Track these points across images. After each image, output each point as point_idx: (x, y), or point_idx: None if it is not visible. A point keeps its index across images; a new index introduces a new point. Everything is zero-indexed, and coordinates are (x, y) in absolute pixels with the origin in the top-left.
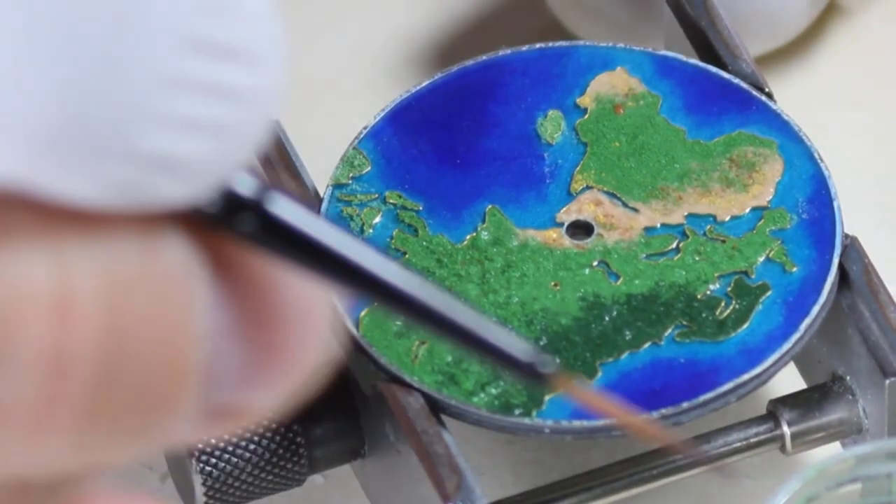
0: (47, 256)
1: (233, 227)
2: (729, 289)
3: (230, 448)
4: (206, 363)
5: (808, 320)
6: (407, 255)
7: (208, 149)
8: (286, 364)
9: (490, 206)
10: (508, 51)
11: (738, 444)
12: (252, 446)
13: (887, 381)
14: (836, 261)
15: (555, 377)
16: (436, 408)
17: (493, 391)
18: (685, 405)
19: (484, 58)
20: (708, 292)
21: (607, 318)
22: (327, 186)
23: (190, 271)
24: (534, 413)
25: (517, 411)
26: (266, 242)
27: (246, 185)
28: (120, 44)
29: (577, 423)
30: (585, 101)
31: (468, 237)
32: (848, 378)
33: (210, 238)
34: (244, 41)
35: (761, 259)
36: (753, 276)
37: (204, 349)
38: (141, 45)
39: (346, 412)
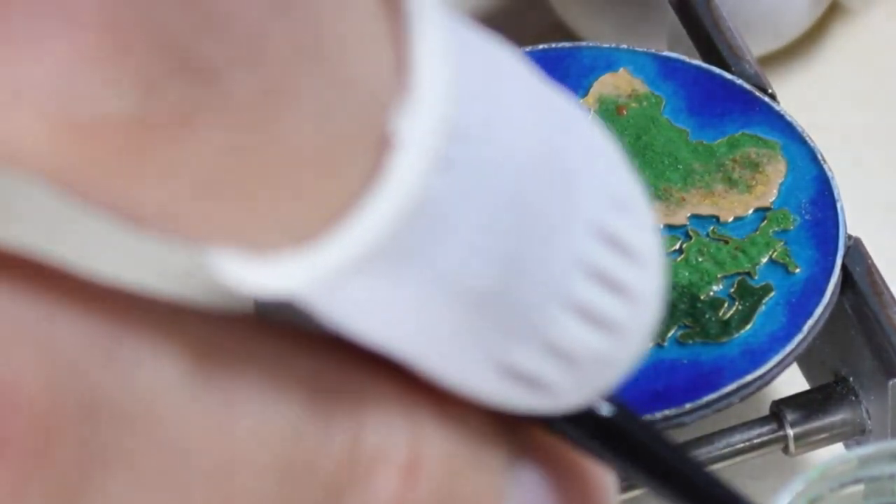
0: (407, 423)
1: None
2: (732, 290)
3: None
4: None
5: (811, 321)
6: None
7: (599, 346)
8: None
9: None
10: None
11: (741, 446)
12: None
13: (890, 383)
14: (839, 262)
15: None
16: None
17: None
18: (688, 406)
19: None
20: (711, 293)
21: None
22: None
23: (509, 471)
24: None
25: None
26: (573, 432)
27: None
28: (549, 217)
29: None
30: (588, 102)
31: None
32: (851, 379)
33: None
34: (641, 243)
35: (764, 260)
36: (756, 278)
37: None
38: (565, 222)
39: None
